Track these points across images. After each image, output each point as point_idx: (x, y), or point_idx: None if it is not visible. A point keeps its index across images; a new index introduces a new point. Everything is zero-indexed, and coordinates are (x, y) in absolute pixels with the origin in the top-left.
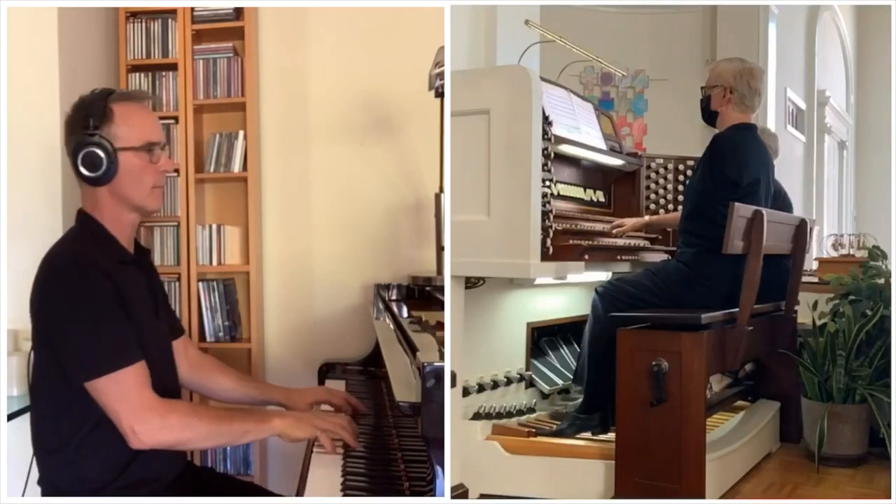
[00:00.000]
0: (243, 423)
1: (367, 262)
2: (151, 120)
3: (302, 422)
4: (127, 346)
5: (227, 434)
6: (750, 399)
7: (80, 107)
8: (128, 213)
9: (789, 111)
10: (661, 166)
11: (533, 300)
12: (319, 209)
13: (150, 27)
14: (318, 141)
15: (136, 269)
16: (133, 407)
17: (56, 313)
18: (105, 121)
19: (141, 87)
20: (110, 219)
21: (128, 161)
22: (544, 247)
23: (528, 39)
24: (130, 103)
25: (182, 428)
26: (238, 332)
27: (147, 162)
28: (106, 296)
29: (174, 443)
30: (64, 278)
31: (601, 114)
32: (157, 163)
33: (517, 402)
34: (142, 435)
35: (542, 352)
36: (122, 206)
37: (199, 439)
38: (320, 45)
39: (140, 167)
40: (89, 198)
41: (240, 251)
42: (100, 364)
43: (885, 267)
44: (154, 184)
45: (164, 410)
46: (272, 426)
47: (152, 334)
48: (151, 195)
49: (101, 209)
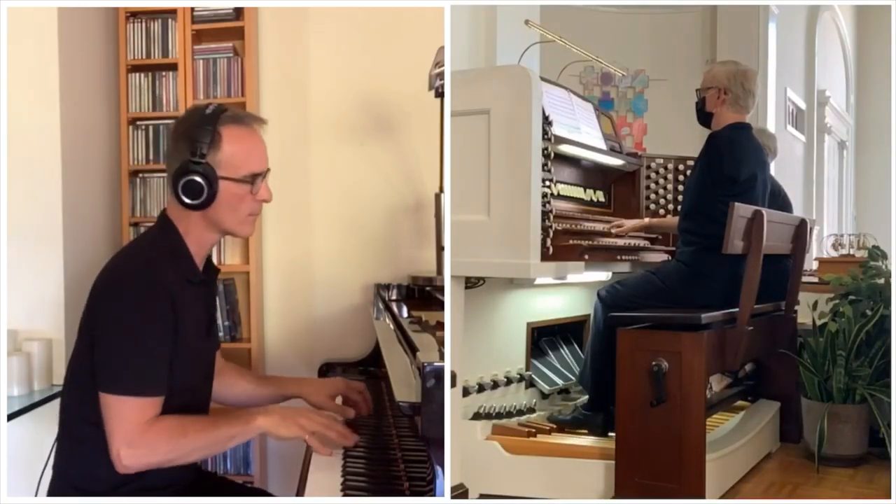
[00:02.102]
0: (228, 428)
1: (367, 262)
2: (259, 149)
3: (287, 419)
4: (154, 378)
5: (213, 444)
6: (750, 399)
7: (190, 123)
8: (213, 234)
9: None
10: (661, 166)
11: (533, 300)
12: (319, 209)
13: (150, 27)
14: (318, 141)
15: (200, 289)
16: (127, 432)
17: (109, 318)
18: (212, 147)
19: (141, 87)
20: (193, 237)
21: (228, 190)
22: (544, 247)
23: (528, 39)
24: (240, 128)
25: (168, 450)
26: (238, 332)
27: (247, 192)
28: (160, 317)
29: (160, 463)
30: (128, 287)
31: (601, 114)
32: (255, 193)
33: (517, 402)
34: (126, 459)
35: (542, 352)
36: (210, 229)
37: (184, 457)
38: (320, 45)
39: (239, 197)
40: (178, 209)
41: (240, 251)
42: (123, 382)
43: (885, 267)
44: (250, 212)
45: (153, 434)
46: (257, 425)
47: (199, 355)
48: (245, 222)
49: (188, 225)
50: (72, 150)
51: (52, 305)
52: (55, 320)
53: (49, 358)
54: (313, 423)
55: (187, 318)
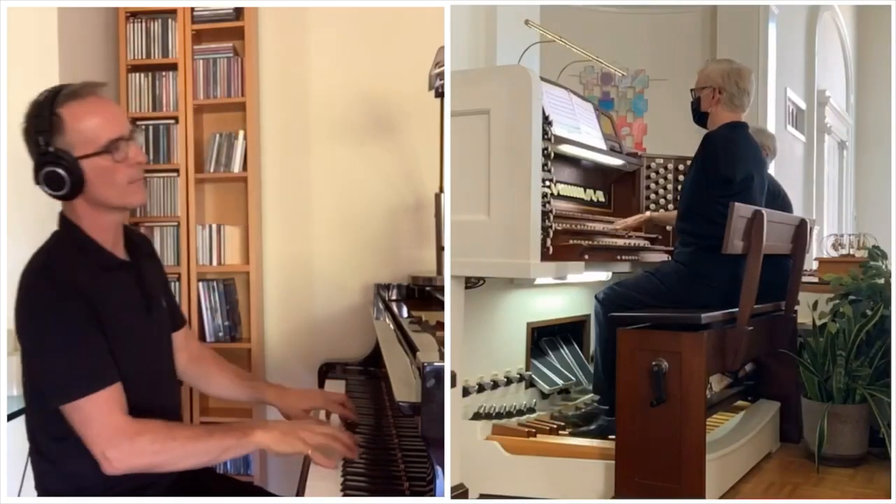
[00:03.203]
0: (222, 439)
1: (367, 262)
2: (107, 115)
3: (288, 436)
4: (98, 370)
5: (204, 453)
6: (750, 399)
7: (28, 117)
8: (107, 215)
9: (789, 111)
10: (660, 166)
11: (533, 300)
12: (319, 209)
13: (150, 27)
14: (318, 141)
15: (123, 273)
16: (100, 432)
17: (26, 336)
18: (56, 132)
19: (141, 87)
20: (89, 223)
21: (93, 166)
22: (544, 247)
23: (528, 39)
24: (79, 102)
25: (155, 452)
26: (238, 332)
27: (113, 161)
28: (78, 316)
29: (148, 466)
30: (35, 299)
31: (601, 114)
32: (125, 159)
33: (517, 402)
34: (114, 461)
35: (542, 352)
36: (100, 211)
37: (174, 461)
38: (320, 45)
39: (108, 169)
40: (67, 205)
41: (240, 251)
42: (68, 389)
43: (885, 267)
44: (129, 179)
45: (134, 433)
46: (255, 440)
47: (142, 337)
48: (129, 191)
49: (79, 215)
50: None
51: None
52: None
53: None
54: (316, 436)
55: (112, 304)
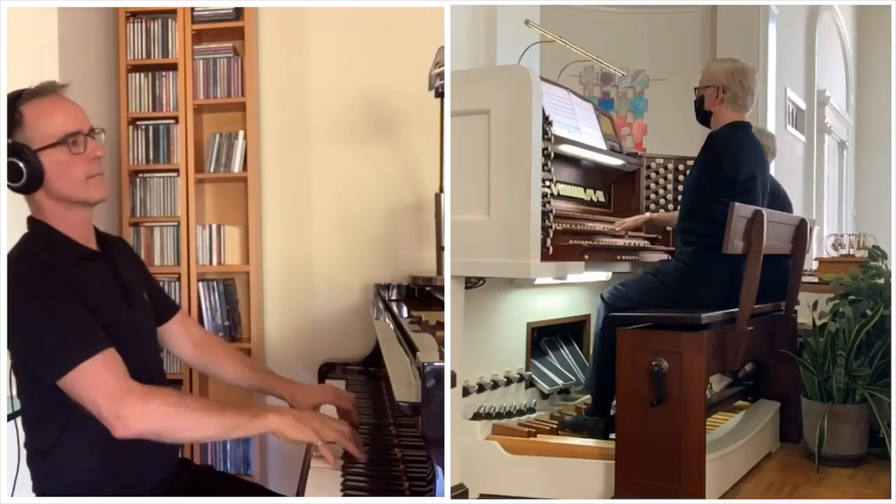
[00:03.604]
0: (235, 416)
1: (367, 262)
2: (66, 111)
3: (302, 423)
4: (90, 335)
5: (216, 425)
6: (750, 399)
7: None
8: (72, 210)
9: (789, 111)
10: (661, 166)
11: (533, 300)
12: (319, 209)
13: (150, 27)
14: (318, 141)
15: (98, 264)
16: (110, 393)
17: (14, 319)
18: (17, 126)
19: (141, 87)
20: (56, 219)
21: (51, 159)
22: (544, 247)
23: (528, 39)
24: (39, 100)
25: (167, 415)
26: (238, 332)
27: (70, 154)
28: (60, 292)
29: (161, 429)
30: (15, 282)
31: (601, 114)
32: (82, 152)
33: (517, 402)
34: (127, 420)
35: (542, 352)
36: (61, 205)
37: (186, 428)
38: (320, 44)
39: (65, 162)
40: (31, 202)
41: (240, 251)
42: (65, 359)
43: (885, 267)
44: (87, 174)
45: (145, 394)
46: (267, 422)
47: (124, 326)
48: (88, 186)
49: (44, 212)
50: None
51: None
52: None
53: None
54: (330, 430)
55: (91, 291)
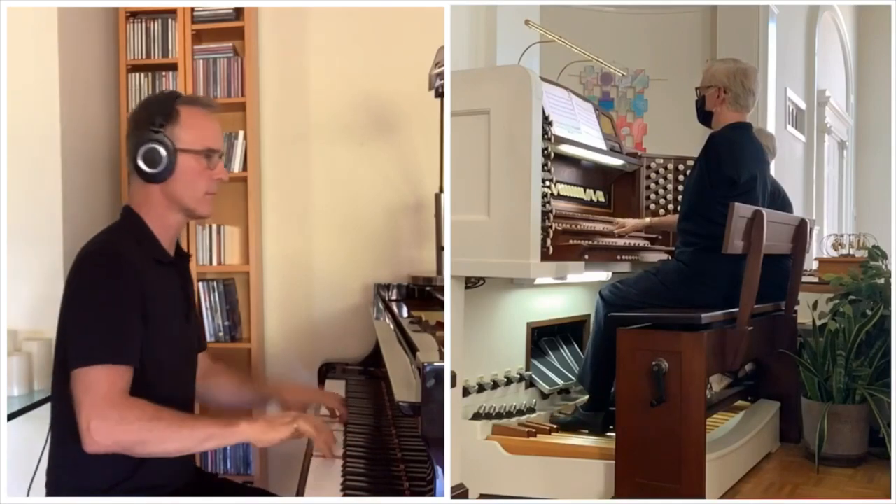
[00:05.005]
0: (207, 427)
1: (367, 262)
2: (214, 128)
3: (273, 424)
4: (122, 345)
5: (188, 438)
6: (750, 399)
7: (147, 104)
8: (175, 215)
9: (789, 111)
10: (661, 166)
11: (533, 300)
12: (319, 209)
13: (150, 27)
14: (318, 141)
15: (172, 271)
16: (95, 401)
17: (73, 300)
18: (170, 120)
19: (141, 87)
20: (156, 217)
21: (185, 163)
22: (544, 247)
23: (528, 39)
24: (197, 107)
25: (140, 429)
26: (238, 332)
27: (204, 167)
28: (126, 292)
29: (131, 443)
30: (90, 268)
31: (601, 114)
32: (213, 169)
33: (517, 402)
34: (95, 432)
35: (542, 352)
36: (171, 207)
37: (157, 441)
38: (320, 44)
39: (196, 171)
40: (139, 194)
41: (240, 251)
42: (87, 353)
43: (885, 267)
44: (207, 189)
45: (126, 408)
46: (239, 432)
47: (177, 337)
48: (203, 200)
49: (149, 207)
50: (72, 150)
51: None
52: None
53: (49, 358)
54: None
55: (158, 296)
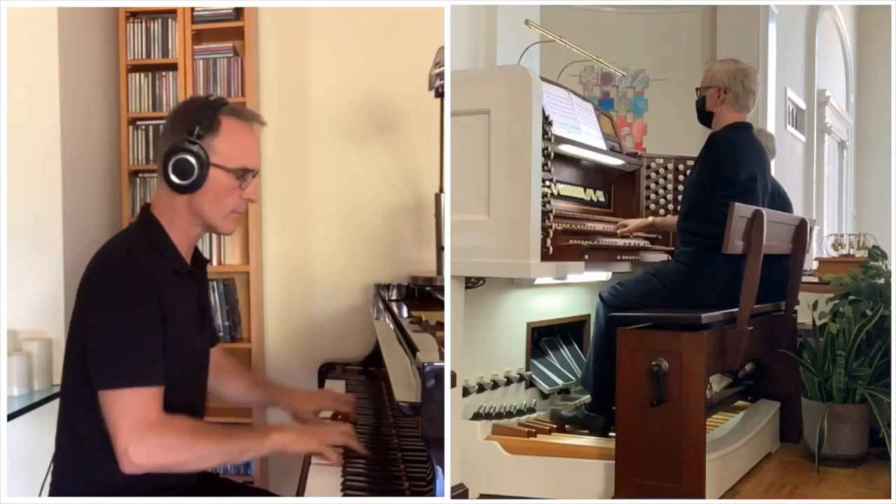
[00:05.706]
0: (242, 441)
1: (367, 262)
2: (254, 147)
3: (304, 436)
4: (151, 365)
5: (225, 453)
6: (750, 399)
7: (190, 107)
8: (196, 228)
9: (789, 111)
10: (661, 166)
11: (533, 300)
12: (319, 209)
13: (150, 27)
14: (318, 141)
15: (189, 281)
16: (133, 424)
17: (97, 317)
18: (210, 131)
19: (141, 87)
20: (177, 228)
21: (217, 178)
22: (544, 247)
23: (528, 39)
24: (240, 121)
25: (180, 449)
26: (238, 332)
27: (235, 185)
28: (147, 307)
29: (173, 464)
30: (111, 282)
31: (601, 114)
32: (244, 189)
33: (517, 402)
34: (134, 456)
35: (542, 352)
36: (194, 220)
37: (195, 460)
38: (320, 45)
39: (227, 188)
40: (162, 200)
41: (240, 251)
42: (117, 375)
43: (885, 267)
44: (234, 208)
45: (165, 430)
46: (272, 441)
47: (192, 348)
48: (228, 218)
49: (172, 216)
50: (72, 150)
51: (52, 305)
52: (55, 320)
53: (49, 358)
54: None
55: (176, 310)
